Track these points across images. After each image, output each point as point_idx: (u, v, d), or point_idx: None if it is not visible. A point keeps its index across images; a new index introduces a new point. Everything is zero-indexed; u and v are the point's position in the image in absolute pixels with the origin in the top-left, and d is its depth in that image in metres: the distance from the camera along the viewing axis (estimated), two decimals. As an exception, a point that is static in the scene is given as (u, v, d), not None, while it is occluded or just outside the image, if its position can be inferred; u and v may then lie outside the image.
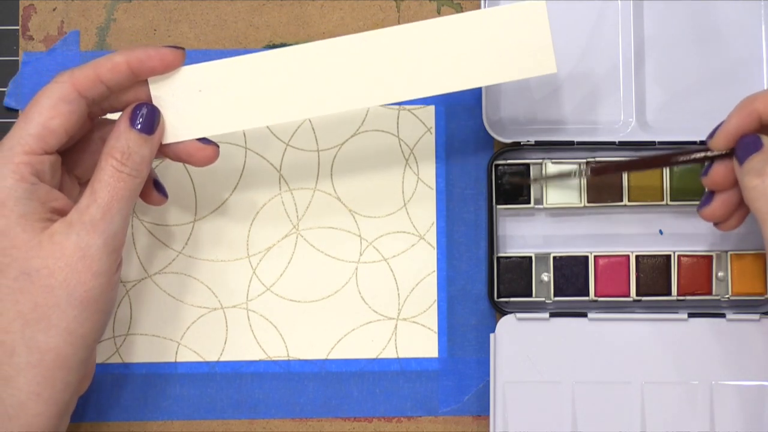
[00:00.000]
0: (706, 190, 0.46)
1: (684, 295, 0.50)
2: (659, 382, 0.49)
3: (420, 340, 0.51)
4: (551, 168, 0.49)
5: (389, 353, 0.51)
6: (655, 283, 0.50)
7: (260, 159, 0.51)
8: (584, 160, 0.50)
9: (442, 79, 0.43)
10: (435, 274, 0.51)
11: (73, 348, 0.40)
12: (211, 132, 0.44)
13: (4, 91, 0.51)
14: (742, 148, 0.43)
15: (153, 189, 0.45)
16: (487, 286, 0.50)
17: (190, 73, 0.43)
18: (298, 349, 0.51)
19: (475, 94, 0.51)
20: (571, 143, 0.50)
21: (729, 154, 0.44)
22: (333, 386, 0.51)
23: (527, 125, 0.51)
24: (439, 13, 0.52)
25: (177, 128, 0.43)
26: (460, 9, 0.52)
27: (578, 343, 0.50)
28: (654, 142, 0.50)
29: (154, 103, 0.43)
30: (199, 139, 0.44)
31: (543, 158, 0.50)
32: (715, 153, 0.44)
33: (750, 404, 0.49)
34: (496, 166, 0.50)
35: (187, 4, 0.52)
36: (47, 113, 0.40)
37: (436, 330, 0.51)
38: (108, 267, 0.40)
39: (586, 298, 0.50)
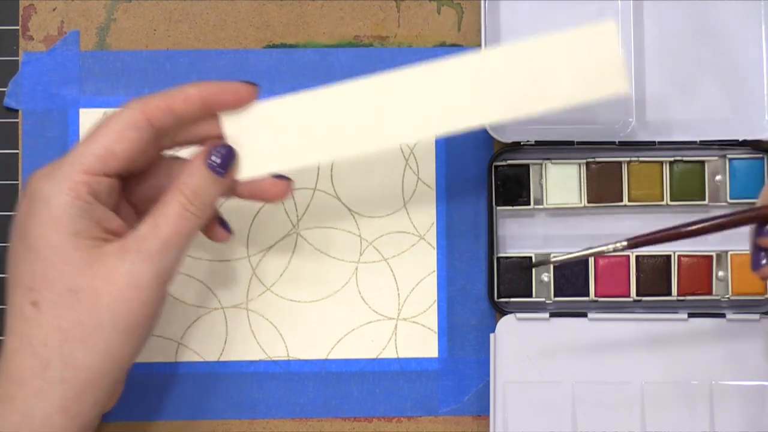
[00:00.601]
0: (756, 247, 0.41)
1: (684, 295, 0.50)
2: (659, 382, 0.49)
3: (420, 340, 0.51)
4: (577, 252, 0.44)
5: (389, 353, 0.51)
6: (655, 283, 0.50)
7: (260, 159, 0.51)
8: (584, 160, 0.50)
9: (515, 105, 0.42)
10: (435, 274, 0.51)
11: (108, 369, 0.39)
12: (286, 167, 0.43)
13: (4, 91, 0.51)
14: None
15: (217, 225, 0.45)
16: (487, 286, 0.50)
17: (262, 108, 0.42)
18: (298, 349, 0.51)
19: (475, 94, 0.51)
20: (571, 143, 0.50)
21: None
22: (333, 386, 0.51)
23: (527, 125, 0.51)
24: (439, 14, 0.52)
25: (250, 165, 0.43)
26: (460, 9, 0.52)
27: (578, 343, 0.50)
28: (654, 142, 0.50)
29: (227, 139, 0.42)
30: (273, 174, 0.43)
31: (543, 158, 0.50)
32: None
33: (750, 404, 0.49)
34: (496, 166, 0.50)
35: (187, 4, 0.52)
36: (113, 136, 0.40)
37: (436, 330, 0.51)
38: (156, 298, 0.40)
39: (586, 298, 0.50)
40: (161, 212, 0.40)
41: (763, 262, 0.40)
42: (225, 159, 0.42)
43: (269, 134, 0.43)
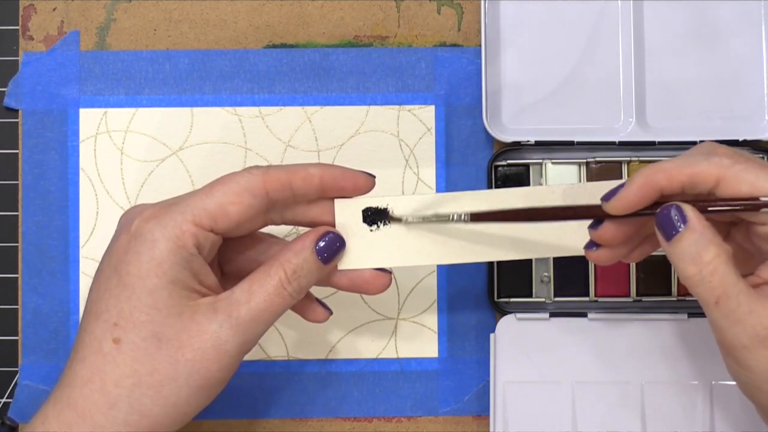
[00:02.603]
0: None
1: (684, 295, 0.50)
2: (659, 382, 0.49)
3: (420, 340, 0.51)
4: (427, 212, 0.43)
5: (389, 353, 0.51)
6: (655, 283, 0.50)
7: (260, 159, 0.51)
8: (584, 160, 0.50)
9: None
10: (435, 274, 0.51)
11: (171, 421, 0.40)
12: (390, 264, 0.43)
13: (4, 91, 0.51)
14: (665, 221, 0.38)
15: (316, 304, 0.44)
16: (487, 286, 0.50)
17: (375, 203, 0.42)
18: (298, 349, 0.51)
19: (475, 94, 0.51)
20: (571, 143, 0.50)
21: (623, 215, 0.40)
22: (333, 386, 0.51)
23: (527, 125, 0.51)
24: (439, 14, 0.52)
25: (355, 256, 0.42)
26: (460, 9, 0.52)
27: (578, 343, 0.50)
28: (654, 142, 0.50)
29: (337, 226, 0.42)
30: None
31: (543, 158, 0.50)
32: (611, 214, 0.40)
33: (750, 404, 0.49)
34: (496, 166, 0.50)
35: (187, 4, 0.52)
36: (230, 197, 0.40)
37: (436, 330, 0.51)
38: (234, 364, 0.40)
39: (586, 298, 0.50)
40: (259, 283, 0.40)
41: (593, 248, 0.41)
42: (333, 247, 0.41)
43: (380, 228, 0.42)
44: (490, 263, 0.50)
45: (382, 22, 0.52)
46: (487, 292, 0.50)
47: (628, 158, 0.50)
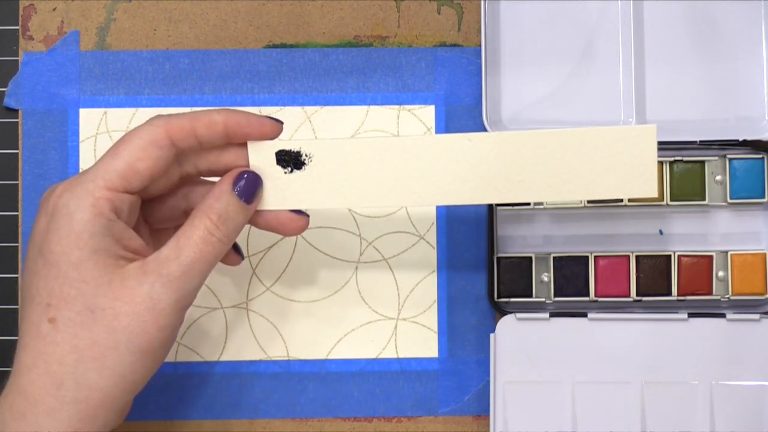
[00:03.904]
0: None
1: (684, 295, 0.50)
2: (659, 382, 0.49)
3: (420, 340, 0.51)
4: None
5: (389, 353, 0.51)
6: (655, 283, 0.50)
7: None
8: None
9: (541, 188, 0.42)
10: (435, 274, 0.51)
11: (121, 392, 0.39)
12: (306, 205, 0.43)
13: (4, 91, 0.51)
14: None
15: (231, 250, 0.44)
16: (487, 286, 0.50)
17: (288, 143, 0.42)
18: (298, 349, 0.51)
19: (475, 94, 0.51)
20: (571, 143, 0.50)
21: None
22: (333, 386, 0.51)
23: (527, 125, 0.51)
24: (439, 14, 0.52)
25: (271, 198, 0.42)
26: (460, 9, 0.52)
27: (578, 343, 0.50)
28: (654, 142, 0.50)
29: (252, 169, 0.42)
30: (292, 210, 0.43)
31: (543, 158, 0.50)
32: None
33: (750, 404, 0.49)
34: (496, 166, 0.50)
35: (187, 4, 0.52)
36: (137, 153, 0.39)
37: (436, 330, 0.51)
38: (173, 322, 0.40)
39: (586, 298, 0.50)
40: (186, 235, 0.40)
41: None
42: (252, 186, 0.41)
43: (294, 171, 0.42)
44: (490, 263, 0.50)
45: (382, 22, 0.52)
46: (487, 292, 0.51)
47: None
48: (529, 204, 0.50)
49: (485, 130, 0.49)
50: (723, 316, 0.49)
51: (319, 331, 0.51)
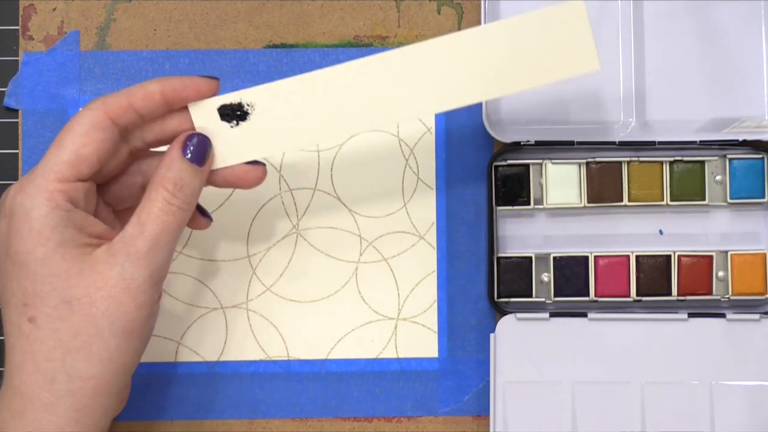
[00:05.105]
0: None
1: (684, 295, 0.50)
2: (659, 382, 0.49)
3: (420, 340, 0.51)
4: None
5: (389, 353, 0.51)
6: (655, 283, 0.50)
7: (261, 159, 0.51)
8: (584, 161, 0.50)
9: (487, 87, 0.42)
10: (435, 274, 0.51)
11: (113, 376, 0.39)
12: (259, 155, 0.43)
13: (4, 91, 0.51)
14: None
15: (198, 215, 0.45)
16: (487, 286, 0.50)
17: (229, 97, 0.42)
18: (298, 349, 0.51)
19: (475, 94, 0.51)
20: (571, 143, 0.50)
21: None
22: (333, 386, 0.51)
23: (527, 125, 0.51)
24: (439, 14, 0.52)
25: (223, 154, 0.43)
26: (460, 9, 0.52)
27: (578, 343, 0.50)
28: (654, 142, 0.50)
29: (198, 130, 0.42)
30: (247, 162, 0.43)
31: (543, 158, 0.50)
32: None
33: (750, 404, 0.49)
34: (496, 166, 0.50)
35: (187, 4, 0.52)
36: (80, 140, 0.39)
37: (436, 330, 0.51)
38: (151, 298, 0.40)
39: (586, 298, 0.50)
40: (145, 210, 0.40)
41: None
42: (201, 148, 0.41)
43: (239, 123, 0.43)
44: (490, 263, 0.50)
45: (382, 22, 0.52)
46: (487, 292, 0.50)
47: (628, 158, 0.50)
48: (528, 204, 0.50)
49: (485, 129, 0.49)
50: (723, 316, 0.49)
51: (319, 331, 0.51)
